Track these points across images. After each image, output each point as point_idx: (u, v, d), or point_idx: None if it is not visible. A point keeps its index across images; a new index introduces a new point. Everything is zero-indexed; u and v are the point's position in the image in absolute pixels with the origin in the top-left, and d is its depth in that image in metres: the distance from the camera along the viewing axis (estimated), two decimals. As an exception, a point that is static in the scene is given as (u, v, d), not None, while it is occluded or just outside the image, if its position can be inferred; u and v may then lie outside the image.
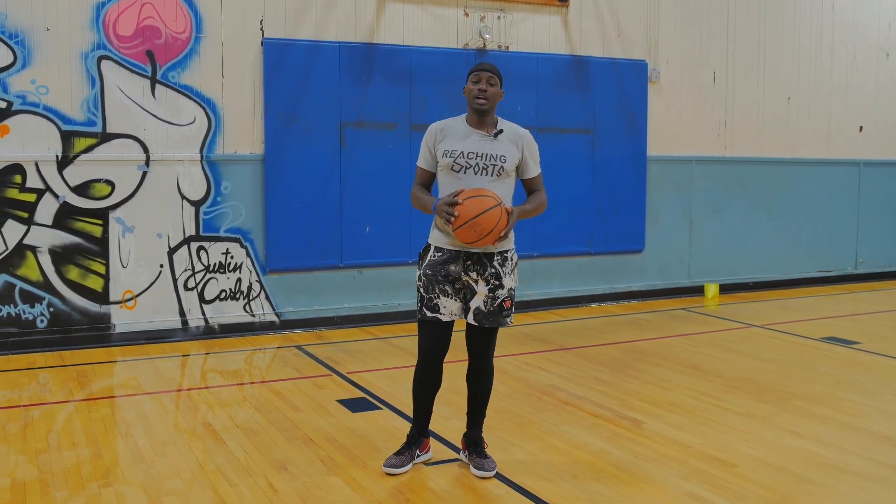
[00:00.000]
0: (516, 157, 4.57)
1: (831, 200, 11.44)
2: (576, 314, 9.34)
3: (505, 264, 4.57)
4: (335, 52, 8.37)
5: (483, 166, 4.50)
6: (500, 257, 4.56)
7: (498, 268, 4.54)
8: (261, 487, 4.46)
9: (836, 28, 11.29)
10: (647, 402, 6.00)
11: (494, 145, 4.54)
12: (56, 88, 7.41)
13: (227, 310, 8.15)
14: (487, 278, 4.53)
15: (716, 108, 10.50)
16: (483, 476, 4.62)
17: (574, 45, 9.58)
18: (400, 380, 6.57)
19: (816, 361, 7.26)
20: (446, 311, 4.57)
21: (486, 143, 4.54)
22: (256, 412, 5.76)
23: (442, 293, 4.55)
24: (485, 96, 4.50)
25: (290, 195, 8.25)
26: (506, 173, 4.53)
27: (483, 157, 4.51)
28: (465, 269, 4.54)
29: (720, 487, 4.46)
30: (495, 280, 4.54)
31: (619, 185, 9.87)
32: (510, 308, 4.59)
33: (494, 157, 4.51)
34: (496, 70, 4.58)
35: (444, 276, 4.54)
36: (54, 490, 4.42)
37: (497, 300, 4.55)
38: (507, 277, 4.57)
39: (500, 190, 4.50)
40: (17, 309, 7.41)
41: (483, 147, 4.53)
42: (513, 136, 4.60)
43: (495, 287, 4.54)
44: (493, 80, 4.53)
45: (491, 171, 4.50)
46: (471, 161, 4.50)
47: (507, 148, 4.55)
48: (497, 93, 4.55)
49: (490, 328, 4.61)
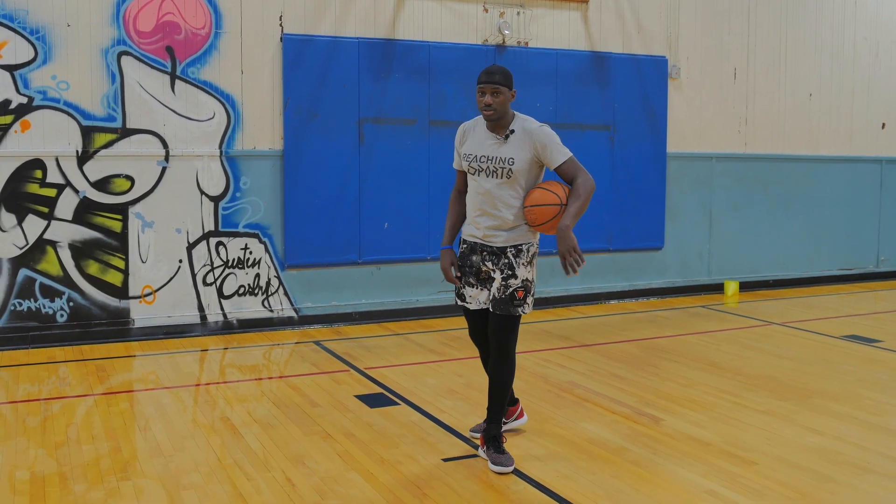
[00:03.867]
0: (527, 156, 4.65)
1: (853, 198, 11.35)
2: (595, 311, 9.31)
3: (519, 256, 4.70)
4: (354, 47, 8.36)
5: (493, 169, 4.66)
6: (514, 249, 4.70)
7: (511, 258, 4.70)
8: (278, 482, 4.46)
9: (859, 23, 11.19)
10: (667, 400, 5.97)
11: (503, 148, 4.66)
12: (76, 84, 7.44)
13: (245, 305, 8.16)
14: (501, 268, 4.70)
15: (736, 105, 10.43)
16: (499, 472, 4.63)
17: (594, 41, 9.54)
18: (417, 375, 6.57)
19: (837, 359, 7.20)
20: (472, 301, 4.83)
21: (497, 146, 4.67)
22: (274, 407, 5.77)
23: (467, 283, 4.82)
24: (491, 108, 4.61)
25: (309, 191, 8.25)
26: (515, 175, 4.64)
27: (493, 160, 4.67)
28: (483, 260, 4.75)
29: (740, 485, 4.43)
30: (508, 270, 4.69)
31: (639, 182, 9.82)
32: (522, 298, 4.70)
33: (502, 160, 4.65)
34: (501, 76, 4.61)
35: (468, 267, 4.80)
36: (73, 483, 4.44)
37: (509, 289, 4.68)
38: (521, 269, 4.69)
39: (510, 192, 4.66)
40: (38, 303, 7.45)
41: (493, 150, 4.68)
42: (522, 135, 4.67)
43: (508, 276, 4.69)
44: (496, 90, 4.59)
45: (500, 174, 4.65)
46: (482, 164, 4.69)
47: (516, 149, 4.65)
48: (504, 100, 4.62)
49: (502, 315, 4.69)
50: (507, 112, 4.67)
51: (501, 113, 4.64)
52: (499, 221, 4.70)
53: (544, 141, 4.65)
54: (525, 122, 4.70)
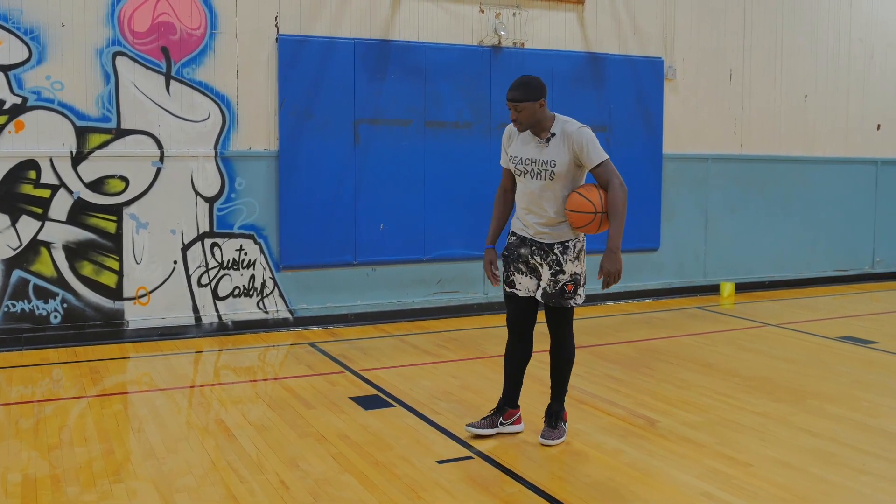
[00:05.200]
0: (567, 159, 4.85)
1: (848, 199, 11.35)
2: (591, 312, 9.30)
3: (566, 252, 4.94)
4: (350, 48, 8.35)
5: (537, 171, 4.90)
6: (561, 246, 4.95)
7: (558, 255, 4.94)
8: (272, 484, 4.44)
9: (854, 25, 11.20)
10: (662, 401, 5.96)
11: (545, 151, 4.88)
12: (71, 84, 7.42)
13: (240, 306, 8.14)
14: (550, 263, 4.96)
15: (732, 106, 10.43)
16: (543, 443, 5.03)
17: (590, 43, 9.53)
18: (413, 377, 6.55)
19: (833, 361, 7.20)
20: (522, 287, 5.08)
21: (540, 148, 4.90)
22: (269, 409, 5.75)
23: (517, 271, 5.07)
24: (518, 122, 4.87)
25: (305, 192, 8.23)
26: (558, 176, 4.86)
27: (536, 162, 4.90)
28: (532, 253, 5.01)
29: (735, 487, 4.42)
30: (556, 266, 4.94)
31: (635, 183, 9.70)
32: (573, 291, 4.98)
33: (545, 163, 4.88)
34: (521, 93, 4.80)
35: (517, 257, 5.06)
36: (66, 486, 4.42)
37: (558, 284, 4.95)
38: (569, 264, 4.95)
39: (554, 192, 4.89)
40: (31, 305, 7.43)
41: (536, 153, 4.90)
42: (562, 137, 4.86)
43: (556, 272, 4.95)
44: (519, 108, 4.81)
45: (544, 176, 4.89)
46: (528, 167, 4.93)
47: (557, 152, 4.85)
48: (529, 113, 4.81)
49: (555, 308, 5.02)
50: (540, 119, 4.86)
51: (531, 124, 4.85)
52: (545, 219, 4.95)
53: (582, 143, 4.82)
54: (565, 125, 4.88)
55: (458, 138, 8.87)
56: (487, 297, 9.16)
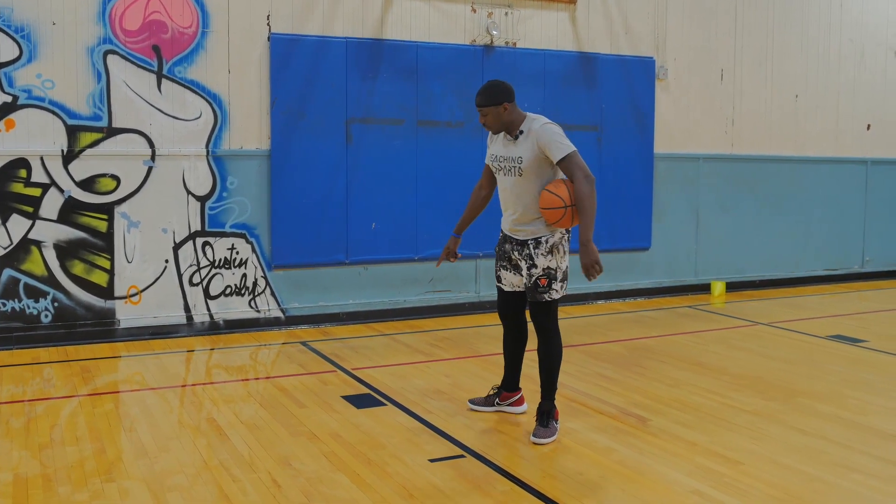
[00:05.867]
0: (532, 154, 5.02)
1: (838, 199, 11.40)
2: (582, 311, 9.32)
3: (538, 247, 5.09)
4: (342, 47, 8.35)
5: (508, 168, 5.13)
6: (534, 241, 5.11)
7: (531, 250, 5.11)
8: (264, 483, 4.44)
9: (844, 26, 11.24)
10: (653, 400, 5.97)
11: (514, 148, 5.09)
12: (62, 83, 7.40)
13: (232, 305, 8.14)
14: (525, 258, 5.14)
15: (723, 106, 10.46)
16: (534, 442, 5.05)
17: (582, 42, 9.55)
18: (405, 376, 6.56)
19: (823, 359, 7.23)
20: (506, 282, 5.35)
21: (509, 146, 5.12)
22: (261, 408, 5.75)
23: (502, 267, 5.33)
24: (487, 126, 5.12)
25: (296, 191, 8.23)
26: (526, 172, 5.04)
27: (507, 159, 5.13)
28: (512, 249, 5.22)
29: (726, 485, 4.44)
30: (529, 260, 5.12)
31: (626, 183, 9.84)
32: (546, 285, 5.10)
33: (513, 159, 5.09)
34: (484, 99, 5.05)
35: (502, 254, 5.30)
36: (57, 485, 4.41)
37: (532, 278, 5.12)
38: (541, 258, 5.09)
39: (525, 188, 5.06)
40: (22, 304, 7.41)
41: (507, 150, 5.13)
42: (528, 134, 5.04)
43: (530, 266, 5.13)
44: (486, 111, 5.07)
45: (514, 172, 5.10)
46: (501, 164, 5.17)
47: (524, 148, 5.04)
48: (496, 118, 5.06)
49: (532, 301, 5.17)
50: (509, 121, 5.08)
51: (499, 126, 5.09)
52: (517, 215, 5.14)
53: (544, 138, 4.98)
54: (532, 122, 5.06)
55: (450, 137, 8.88)
56: (479, 297, 9.17)
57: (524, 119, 5.09)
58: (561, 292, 5.16)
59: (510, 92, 5.07)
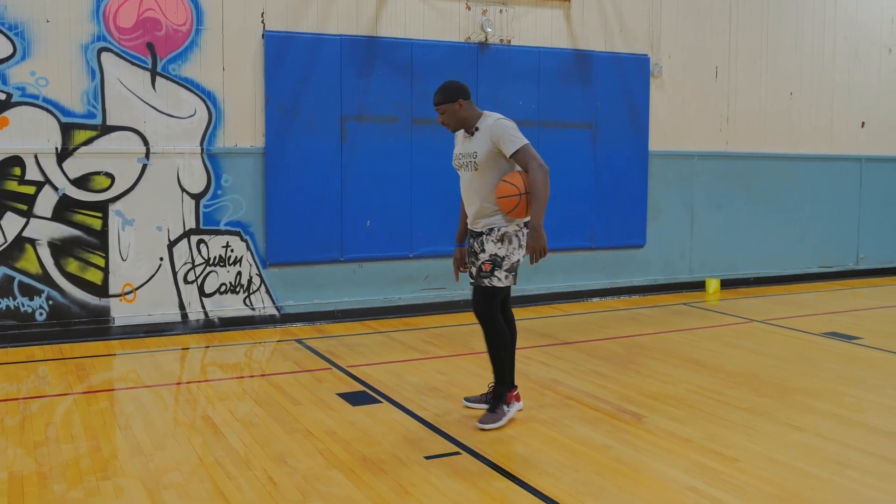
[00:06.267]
0: (486, 149, 5.23)
1: (833, 196, 11.42)
2: (577, 309, 9.32)
3: (490, 234, 5.30)
4: (336, 45, 8.34)
5: (465, 163, 5.33)
6: (488, 230, 5.32)
7: (483, 237, 5.33)
8: (260, 480, 4.44)
9: (839, 24, 11.25)
10: (648, 397, 5.98)
11: (469, 144, 5.31)
12: (56, 80, 7.38)
13: (227, 303, 8.13)
14: (478, 245, 5.37)
15: (718, 104, 10.47)
16: (479, 427, 5.25)
17: (576, 40, 9.55)
18: (400, 373, 6.55)
19: (817, 356, 7.24)
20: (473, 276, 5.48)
21: (466, 142, 5.34)
22: (256, 405, 5.75)
23: (472, 264, 5.46)
24: (444, 123, 5.31)
25: (291, 188, 8.22)
26: (481, 167, 5.24)
27: (464, 155, 5.33)
28: (473, 243, 5.44)
29: (722, 482, 4.44)
30: (480, 247, 5.35)
31: (621, 180, 9.84)
32: (489, 271, 5.27)
33: (469, 155, 5.29)
34: (440, 97, 5.26)
35: (469, 249, 5.49)
36: (52, 483, 4.40)
37: (478, 262, 5.34)
38: (489, 244, 5.28)
39: (481, 182, 5.26)
40: (17, 302, 7.39)
41: (464, 147, 5.35)
42: (483, 130, 5.25)
43: (480, 252, 5.35)
44: (443, 109, 5.28)
45: (470, 167, 5.30)
46: (459, 160, 5.38)
47: (479, 144, 5.25)
48: (452, 115, 5.27)
49: (475, 286, 5.37)
50: (465, 118, 5.30)
51: (455, 123, 5.31)
52: (477, 208, 5.32)
53: (498, 133, 5.19)
54: (487, 119, 5.29)
55: (444, 135, 8.80)
56: (474, 294, 9.16)
57: (480, 116, 5.31)
58: (504, 283, 5.29)
59: (465, 90, 5.31)
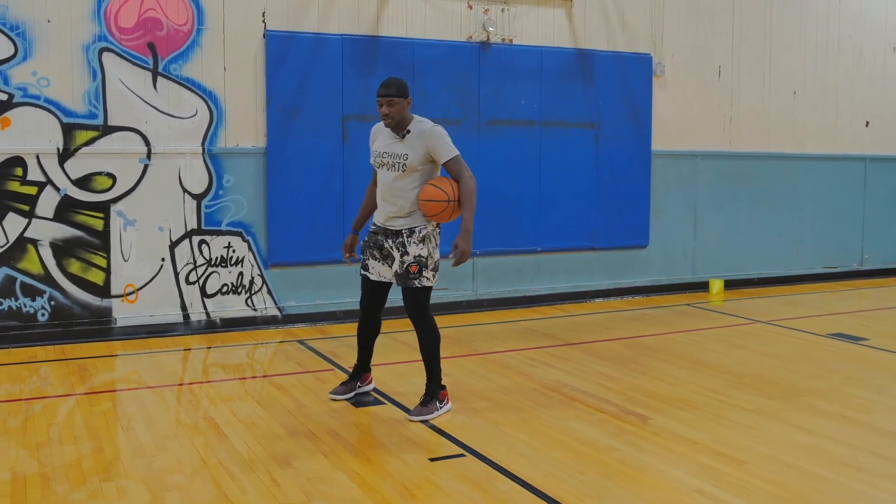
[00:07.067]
0: (419, 154, 5.38)
1: (837, 196, 11.37)
2: (580, 309, 9.28)
3: (411, 236, 5.45)
4: (338, 44, 8.30)
5: (391, 163, 5.45)
6: (408, 231, 5.47)
7: (404, 238, 5.46)
8: (263, 482, 4.40)
9: (843, 22, 11.22)
10: (654, 398, 5.94)
11: (399, 146, 5.43)
12: (57, 81, 7.35)
13: (228, 304, 8.09)
14: (398, 247, 5.49)
15: (721, 103, 10.43)
16: (410, 419, 5.42)
17: (578, 39, 9.51)
18: (404, 374, 6.52)
19: (823, 357, 7.20)
20: (374, 272, 5.66)
21: (395, 143, 5.45)
22: (259, 406, 5.71)
23: (371, 256, 5.63)
24: (388, 117, 5.37)
25: (293, 189, 8.18)
26: (409, 169, 5.39)
27: (392, 155, 5.45)
28: (385, 239, 5.55)
29: (729, 484, 4.41)
30: (402, 248, 5.47)
31: (624, 180, 9.81)
32: (417, 272, 5.45)
33: (399, 156, 5.42)
34: (395, 89, 5.34)
35: (373, 244, 5.61)
36: (55, 484, 4.36)
37: (404, 265, 5.46)
38: (413, 246, 5.44)
39: (405, 184, 5.42)
40: (18, 302, 7.36)
41: (392, 147, 5.46)
42: (417, 134, 5.41)
43: (402, 254, 5.47)
44: (392, 102, 5.34)
45: (397, 168, 5.43)
46: (385, 159, 5.49)
47: (411, 147, 5.40)
48: (399, 108, 5.36)
49: (405, 288, 5.51)
50: (404, 117, 5.41)
51: (398, 119, 5.39)
52: (396, 209, 5.47)
53: (434, 140, 5.36)
54: (421, 124, 5.44)
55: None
56: (477, 295, 9.14)
57: (412, 120, 5.46)
58: (432, 281, 5.52)
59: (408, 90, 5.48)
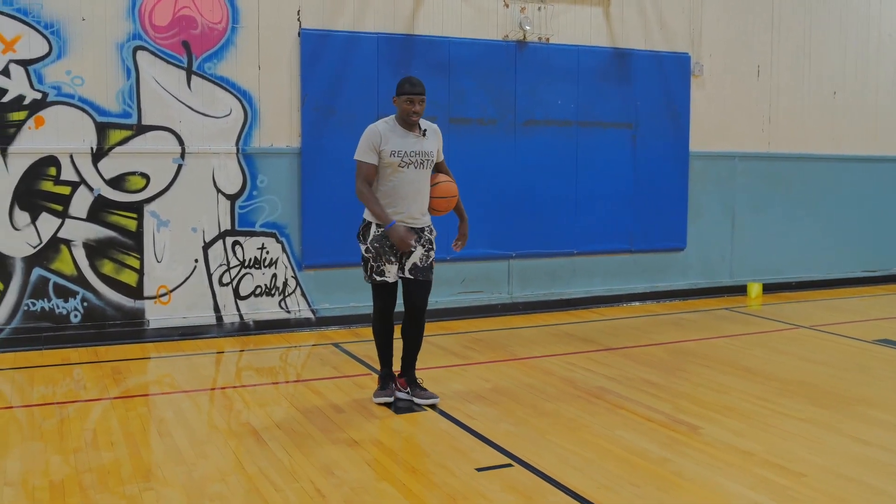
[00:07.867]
0: (437, 149, 5.70)
1: (877, 198, 11.14)
2: (617, 313, 9.12)
3: (431, 232, 5.75)
4: (373, 43, 8.18)
5: (420, 161, 5.58)
6: (429, 228, 5.73)
7: (429, 235, 5.71)
8: (307, 492, 4.27)
9: (884, 20, 10.98)
10: (702, 406, 5.77)
11: (425, 143, 5.62)
12: (91, 79, 7.26)
13: (262, 306, 7.99)
14: (423, 244, 5.66)
15: (759, 103, 10.23)
16: (429, 403, 5.67)
17: (616, 38, 9.35)
18: (442, 380, 6.38)
19: (871, 364, 7.00)
20: (391, 275, 5.66)
21: (420, 141, 5.60)
22: (297, 412, 5.59)
23: (387, 261, 5.62)
24: (419, 115, 5.55)
25: (327, 189, 8.07)
26: (429, 166, 5.64)
27: (419, 154, 5.58)
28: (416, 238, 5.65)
29: (790, 499, 4.23)
30: (429, 245, 5.70)
31: (661, 182, 9.63)
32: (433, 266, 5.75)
33: (426, 153, 5.61)
34: (423, 87, 5.57)
35: (389, 247, 5.58)
36: (94, 492, 4.25)
37: (429, 259, 5.71)
38: (433, 242, 5.73)
39: (426, 180, 5.64)
40: (51, 303, 7.28)
41: (418, 146, 5.58)
42: (433, 131, 5.69)
43: (429, 249, 5.70)
44: (424, 101, 5.56)
45: (424, 165, 5.60)
46: (412, 158, 5.56)
47: (433, 144, 5.66)
48: (423, 109, 5.59)
49: (424, 280, 5.69)
50: None
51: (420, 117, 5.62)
52: (424, 205, 5.68)
53: (440, 138, 5.75)
54: (428, 123, 5.69)
55: (482, 135, 8.70)
56: (512, 298, 8.99)
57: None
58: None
59: None
